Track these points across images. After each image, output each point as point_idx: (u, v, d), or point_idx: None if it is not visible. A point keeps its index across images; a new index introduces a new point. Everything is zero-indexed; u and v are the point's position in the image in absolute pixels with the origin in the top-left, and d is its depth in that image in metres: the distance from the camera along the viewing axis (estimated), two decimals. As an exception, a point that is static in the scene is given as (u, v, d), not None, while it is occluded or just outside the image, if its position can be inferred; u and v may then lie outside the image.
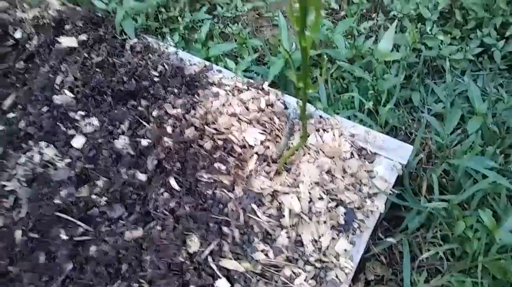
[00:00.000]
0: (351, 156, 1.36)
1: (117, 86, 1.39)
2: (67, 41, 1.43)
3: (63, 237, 1.14)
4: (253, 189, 1.21)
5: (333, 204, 1.23)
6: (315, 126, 1.41)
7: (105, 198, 1.23)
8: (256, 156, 1.28)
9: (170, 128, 1.31)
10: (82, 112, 1.37)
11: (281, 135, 1.36)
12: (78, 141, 1.33)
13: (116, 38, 1.56)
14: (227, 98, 1.44)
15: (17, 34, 1.53)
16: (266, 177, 1.24)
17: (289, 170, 1.27)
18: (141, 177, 1.27)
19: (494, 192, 1.34)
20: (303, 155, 1.31)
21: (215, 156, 1.27)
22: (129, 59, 1.47)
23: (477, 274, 1.15)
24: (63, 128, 1.34)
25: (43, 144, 1.31)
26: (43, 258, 1.12)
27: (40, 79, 1.41)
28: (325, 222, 1.20)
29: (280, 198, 1.20)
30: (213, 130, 1.33)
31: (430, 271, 1.29)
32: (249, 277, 1.09)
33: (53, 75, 1.41)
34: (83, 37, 1.47)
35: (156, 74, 1.44)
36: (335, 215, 1.21)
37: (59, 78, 1.40)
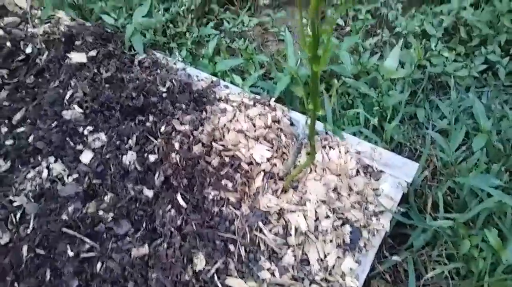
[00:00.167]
0: (357, 173, 1.36)
1: (126, 102, 1.41)
2: (77, 57, 1.46)
3: (69, 253, 1.15)
4: (259, 206, 1.22)
5: (339, 222, 1.23)
6: (321, 143, 1.42)
7: (112, 214, 1.24)
8: (263, 173, 1.29)
9: (177, 145, 1.32)
10: (90, 128, 1.39)
11: (288, 153, 1.37)
12: (86, 157, 1.34)
13: (125, 54, 1.59)
14: (234, 114, 1.45)
15: (28, 49, 1.56)
16: (273, 194, 1.25)
17: (295, 188, 1.28)
18: (148, 193, 1.28)
19: (499, 211, 1.34)
20: (310, 172, 1.31)
21: (222, 172, 1.28)
22: (137, 75, 1.49)
23: (483, 295, 1.15)
24: (71, 144, 1.36)
25: (52, 159, 1.33)
26: (49, 275, 1.13)
27: (49, 94, 1.43)
28: (331, 241, 1.20)
29: (286, 216, 1.21)
30: (221, 147, 1.34)
31: (435, 290, 1.29)
32: (255, 296, 1.09)
33: (62, 90, 1.43)
34: (92, 53, 1.49)
35: (164, 90, 1.46)
36: (341, 233, 1.22)
37: (69, 93, 1.42)
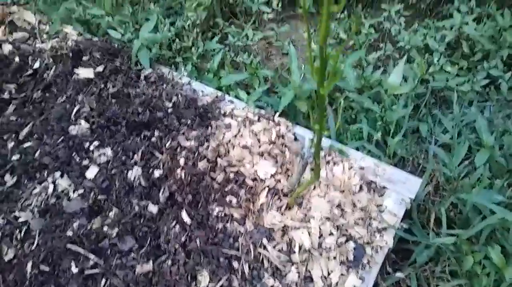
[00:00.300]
0: (360, 189, 1.37)
1: (132, 117, 1.43)
2: (84, 73, 1.48)
3: (73, 270, 1.15)
4: (264, 223, 1.23)
5: (343, 239, 1.24)
6: (325, 158, 1.43)
7: (116, 230, 1.25)
8: (267, 190, 1.30)
9: (183, 160, 1.34)
10: (96, 143, 1.40)
11: (292, 168, 1.38)
12: (91, 172, 1.35)
13: (131, 69, 1.61)
14: (239, 130, 1.47)
15: (36, 64, 1.58)
16: (277, 211, 1.26)
17: (300, 204, 1.29)
18: (153, 208, 1.29)
19: (502, 227, 1.34)
20: (314, 188, 1.32)
21: (226, 189, 1.29)
22: (144, 90, 1.51)
23: (486, 312, 1.15)
24: (77, 159, 1.37)
25: (58, 174, 1.34)
26: (54, 292, 1.13)
27: (56, 109, 1.45)
28: (334, 258, 1.21)
29: (290, 233, 1.22)
30: (225, 163, 1.35)
31: (438, 307, 1.29)
32: (259, 313, 1.10)
33: (69, 106, 1.45)
34: (100, 68, 1.51)
35: (170, 105, 1.47)
36: (345, 250, 1.22)
37: (76, 108, 1.44)
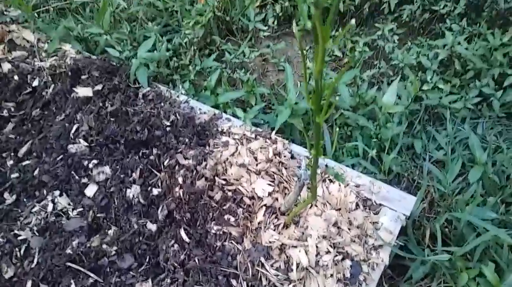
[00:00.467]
0: (356, 207, 1.39)
1: (130, 135, 1.44)
2: (83, 91, 1.49)
3: (73, 288, 1.16)
4: (262, 241, 1.24)
5: (340, 257, 1.25)
6: (322, 176, 1.45)
7: (115, 247, 1.25)
8: (264, 208, 1.32)
9: (181, 179, 1.35)
10: (95, 161, 1.41)
11: (289, 187, 1.40)
12: (90, 190, 1.36)
13: (129, 87, 1.63)
14: (236, 148, 1.49)
15: (35, 83, 1.60)
16: (274, 229, 1.27)
17: (297, 223, 1.30)
18: (152, 227, 1.30)
19: (496, 243, 1.36)
20: (310, 207, 1.34)
21: (224, 207, 1.31)
22: (142, 108, 1.53)
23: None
24: (76, 177, 1.38)
25: (57, 192, 1.35)
26: (53, 312, 1.14)
27: (55, 128, 1.46)
28: (332, 275, 1.22)
29: (288, 251, 1.23)
30: (223, 181, 1.36)
31: (434, 324, 1.30)
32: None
33: (68, 124, 1.46)
34: (98, 87, 1.53)
35: (168, 123, 1.49)
36: (342, 268, 1.24)
37: (75, 127, 1.45)
